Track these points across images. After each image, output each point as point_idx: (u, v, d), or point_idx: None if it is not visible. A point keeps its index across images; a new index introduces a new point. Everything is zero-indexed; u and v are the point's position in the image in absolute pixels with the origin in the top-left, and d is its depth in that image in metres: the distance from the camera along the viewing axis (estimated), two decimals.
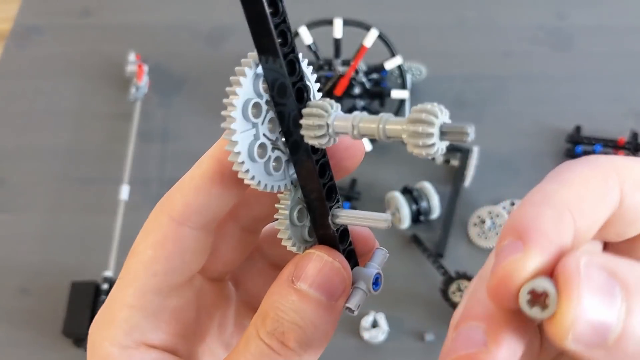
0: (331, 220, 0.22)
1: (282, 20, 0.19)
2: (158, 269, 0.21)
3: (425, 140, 0.17)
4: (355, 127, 0.19)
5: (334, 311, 0.21)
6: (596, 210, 0.17)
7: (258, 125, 0.20)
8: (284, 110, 0.20)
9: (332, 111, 0.20)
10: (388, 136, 0.19)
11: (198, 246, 0.22)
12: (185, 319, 0.23)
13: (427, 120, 0.17)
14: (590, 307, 0.14)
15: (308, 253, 0.22)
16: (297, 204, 0.22)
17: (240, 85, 0.19)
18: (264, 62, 0.20)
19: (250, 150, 0.20)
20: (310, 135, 0.20)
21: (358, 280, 0.22)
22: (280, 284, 0.21)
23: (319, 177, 0.21)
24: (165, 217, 0.22)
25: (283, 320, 0.20)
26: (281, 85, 0.20)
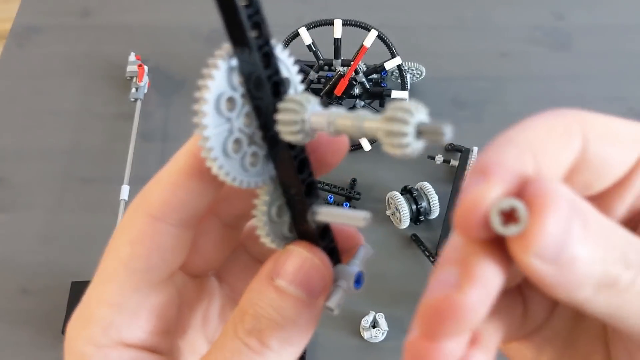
0: (310, 217, 0.21)
1: (255, 11, 0.19)
2: (136, 267, 0.21)
3: (400, 140, 0.17)
4: (331, 123, 0.19)
5: (314, 309, 0.21)
6: (558, 152, 0.18)
7: (232, 120, 0.20)
8: (260, 104, 0.20)
9: (308, 106, 0.19)
10: (364, 134, 0.18)
11: (177, 243, 0.22)
12: (165, 316, 0.22)
13: (402, 119, 0.17)
14: (555, 225, 0.15)
15: (288, 249, 0.21)
16: (276, 199, 0.21)
17: (212, 78, 0.19)
18: (238, 54, 0.19)
19: (225, 145, 0.19)
20: (286, 131, 0.19)
21: (339, 278, 0.22)
22: (260, 281, 0.21)
23: (297, 173, 0.20)
24: (142, 214, 0.21)
25: (261, 318, 0.20)
26: (257, 78, 0.19)
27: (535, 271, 0.16)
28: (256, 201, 0.21)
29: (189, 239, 0.22)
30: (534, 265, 0.16)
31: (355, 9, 0.92)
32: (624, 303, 0.16)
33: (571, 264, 0.16)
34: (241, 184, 0.20)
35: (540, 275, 0.16)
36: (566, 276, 0.16)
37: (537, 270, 0.16)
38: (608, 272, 0.16)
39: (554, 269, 0.16)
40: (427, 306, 0.16)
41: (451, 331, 0.16)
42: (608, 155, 0.19)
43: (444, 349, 0.17)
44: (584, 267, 0.16)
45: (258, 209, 0.21)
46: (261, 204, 0.21)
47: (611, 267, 0.16)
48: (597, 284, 0.16)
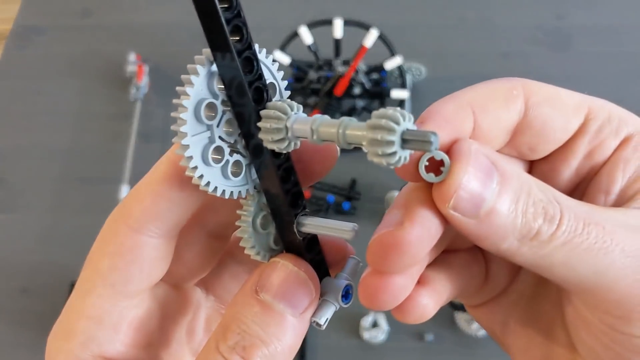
0: (296, 229, 0.20)
1: (235, 14, 0.18)
2: (115, 279, 0.21)
3: (384, 149, 0.16)
4: (314, 131, 0.18)
5: (300, 324, 0.20)
6: (498, 111, 0.20)
7: (213, 127, 0.19)
8: (243, 111, 0.19)
9: (291, 113, 0.18)
10: (348, 142, 0.17)
11: (157, 255, 0.21)
12: (146, 328, 0.22)
13: (387, 127, 0.16)
14: (471, 180, 0.17)
15: (273, 262, 0.21)
16: (260, 210, 0.21)
17: (191, 84, 0.18)
18: (219, 59, 0.18)
19: (204, 153, 0.18)
20: (269, 139, 0.18)
21: (327, 292, 0.21)
22: (244, 294, 0.20)
23: (282, 182, 0.20)
24: (122, 226, 0.20)
25: (245, 334, 0.19)
26: (239, 84, 0.18)
27: (457, 223, 0.17)
28: (240, 212, 0.20)
29: (170, 250, 0.21)
30: (454, 217, 0.17)
31: (355, 9, 0.92)
32: (547, 254, 0.18)
33: (490, 217, 0.17)
34: (223, 194, 0.19)
35: (463, 227, 0.17)
36: (487, 228, 0.17)
37: (459, 222, 0.17)
38: (529, 225, 0.17)
39: (475, 222, 0.17)
40: (374, 241, 0.18)
41: (396, 264, 0.18)
42: (549, 118, 0.20)
43: (393, 283, 0.19)
44: (504, 219, 0.17)
45: (242, 219, 0.20)
46: (245, 215, 0.20)
47: (532, 221, 0.17)
48: (519, 235, 0.18)
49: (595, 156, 0.21)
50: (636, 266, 0.18)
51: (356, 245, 0.22)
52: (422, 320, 0.20)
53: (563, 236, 0.18)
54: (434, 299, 0.21)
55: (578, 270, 0.18)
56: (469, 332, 0.65)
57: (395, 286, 0.19)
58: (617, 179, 0.20)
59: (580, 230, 0.18)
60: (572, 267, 0.18)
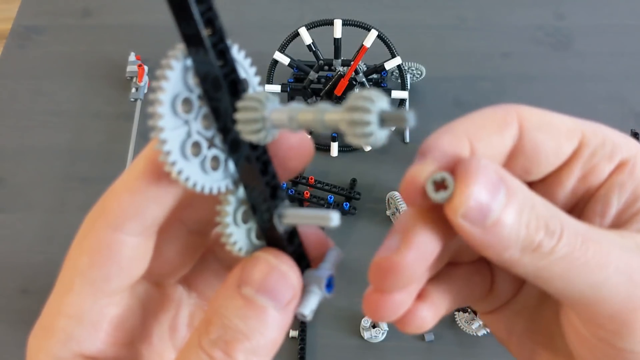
0: (277, 221, 0.20)
1: (208, 7, 0.18)
2: (94, 277, 0.20)
3: (363, 129, 0.16)
4: (292, 119, 0.18)
5: (283, 318, 0.20)
6: (493, 139, 0.21)
7: (190, 122, 0.19)
8: (219, 104, 0.19)
9: (268, 103, 0.18)
10: (327, 127, 0.18)
11: (137, 253, 0.21)
12: (127, 326, 0.22)
13: (364, 108, 0.16)
14: (479, 192, 0.18)
15: (254, 256, 0.21)
16: (240, 204, 0.20)
17: (167, 79, 0.18)
18: (193, 53, 0.18)
19: (183, 148, 0.18)
20: (246, 130, 0.18)
21: (310, 283, 0.21)
22: (226, 289, 0.20)
23: (261, 175, 0.20)
24: (99, 224, 0.20)
25: (227, 328, 0.19)
26: (214, 78, 0.18)
27: (465, 232, 0.18)
28: (219, 207, 0.20)
29: (150, 247, 0.21)
30: (463, 226, 0.18)
31: (355, 9, 0.92)
32: (546, 265, 0.19)
33: (496, 227, 0.18)
34: (202, 189, 0.19)
35: (470, 235, 0.18)
36: (492, 238, 0.18)
37: (467, 231, 0.18)
38: (532, 237, 0.19)
39: (481, 231, 0.18)
40: (374, 265, 0.20)
41: (394, 284, 0.20)
42: (541, 144, 0.21)
43: (392, 300, 0.20)
44: (508, 230, 0.18)
45: (222, 215, 0.20)
46: (225, 210, 0.20)
47: (534, 233, 0.19)
48: (521, 246, 0.19)
49: (589, 180, 0.22)
50: (629, 283, 0.19)
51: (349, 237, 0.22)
52: (421, 330, 0.22)
53: (563, 250, 0.19)
54: (432, 312, 0.22)
55: (575, 283, 0.19)
56: (469, 332, 0.65)
57: (394, 302, 0.21)
58: (613, 202, 0.21)
59: (578, 245, 0.19)
60: (569, 280, 0.19)
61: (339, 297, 0.69)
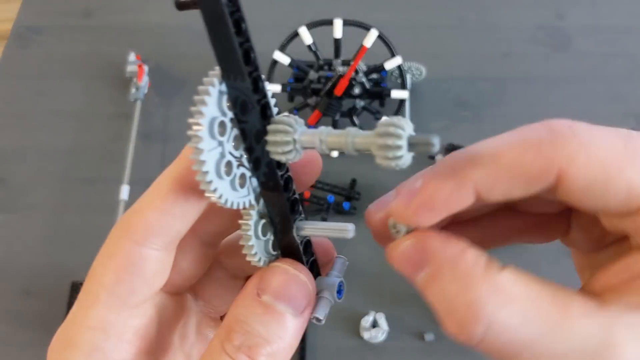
0: (295, 233, 0.22)
1: (246, 39, 0.20)
2: (120, 292, 0.22)
3: (394, 152, 0.18)
4: (322, 141, 0.20)
5: (300, 323, 0.21)
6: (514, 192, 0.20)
7: (224, 143, 0.20)
8: (246, 127, 0.20)
9: (297, 127, 0.20)
10: (356, 149, 0.19)
11: (159, 266, 0.22)
12: (147, 335, 0.23)
13: (395, 134, 0.18)
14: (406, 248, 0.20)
15: (273, 266, 0.22)
16: (260, 218, 0.22)
17: (205, 104, 0.19)
18: (229, 80, 0.20)
19: (217, 168, 0.20)
20: (277, 152, 0.20)
21: (322, 289, 0.23)
22: (245, 297, 0.21)
23: (283, 191, 0.21)
24: (126, 241, 0.22)
25: (249, 334, 0.21)
26: (243, 102, 0.20)
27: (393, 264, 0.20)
28: (242, 221, 0.22)
29: (170, 260, 0.23)
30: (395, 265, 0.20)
31: (355, 9, 0.92)
32: None
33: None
34: (232, 205, 0.21)
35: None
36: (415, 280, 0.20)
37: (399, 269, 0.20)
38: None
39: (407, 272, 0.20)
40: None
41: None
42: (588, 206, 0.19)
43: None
44: None
45: (244, 228, 0.22)
46: (248, 224, 0.22)
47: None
48: None
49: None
50: None
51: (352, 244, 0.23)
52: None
53: None
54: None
55: None
56: None
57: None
58: None
59: None
60: None
61: None
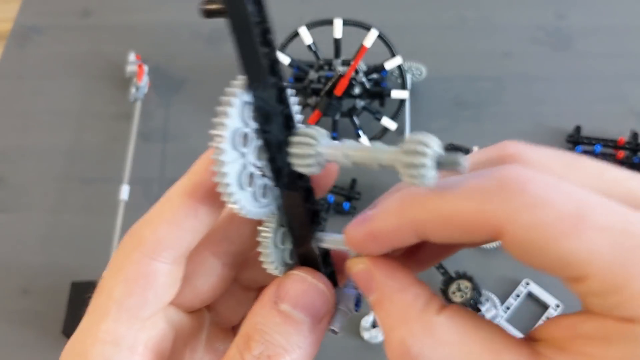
0: (314, 244, 0.22)
1: (271, 49, 0.19)
2: (130, 304, 0.21)
3: (419, 171, 0.18)
4: (346, 155, 0.20)
5: (318, 332, 0.21)
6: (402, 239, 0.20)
7: (246, 154, 0.20)
8: (270, 138, 0.20)
9: (321, 139, 0.20)
10: (381, 165, 0.19)
11: (170, 279, 0.22)
12: (159, 348, 0.23)
13: (421, 152, 0.18)
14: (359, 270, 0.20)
15: (291, 274, 0.22)
16: (279, 227, 0.22)
17: (228, 115, 0.19)
18: (254, 91, 0.20)
19: (239, 179, 0.20)
20: (300, 164, 0.20)
21: (340, 301, 0.23)
22: (263, 305, 0.21)
23: (303, 202, 0.21)
24: (136, 254, 0.21)
25: (268, 343, 0.20)
26: (267, 113, 0.20)
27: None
28: (261, 228, 0.22)
29: (180, 273, 0.23)
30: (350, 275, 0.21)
31: (355, 9, 0.92)
32: None
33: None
34: (253, 216, 0.21)
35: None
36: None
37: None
38: None
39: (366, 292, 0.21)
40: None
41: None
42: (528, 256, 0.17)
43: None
44: None
45: (263, 236, 0.22)
46: (267, 232, 0.22)
47: None
48: None
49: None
50: None
51: None
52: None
53: None
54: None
55: None
56: None
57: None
58: None
59: None
60: None
61: None
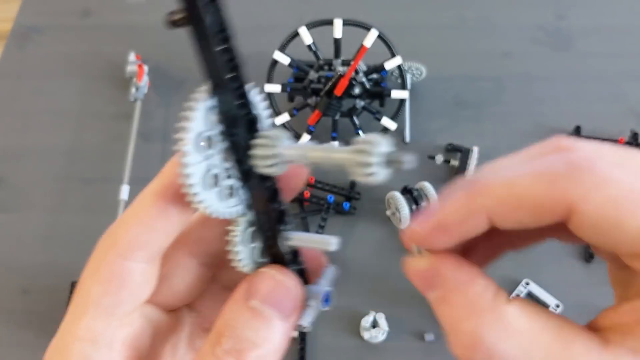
0: (282, 242, 0.23)
1: (234, 55, 0.20)
2: (107, 303, 0.22)
3: (366, 169, 0.19)
4: (304, 156, 0.20)
5: (287, 327, 0.22)
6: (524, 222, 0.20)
7: (211, 157, 0.21)
8: (236, 140, 0.21)
9: (281, 141, 0.21)
10: (335, 165, 0.20)
11: (144, 278, 0.23)
12: (137, 345, 0.24)
13: (368, 151, 0.19)
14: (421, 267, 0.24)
15: (261, 272, 0.23)
16: (248, 226, 0.23)
17: (191, 120, 0.20)
18: (218, 96, 0.20)
19: (204, 180, 0.21)
20: (262, 165, 0.21)
21: (309, 297, 0.23)
22: (235, 302, 0.22)
23: (270, 202, 0.22)
24: (111, 254, 0.22)
25: (238, 338, 0.21)
26: (233, 117, 0.21)
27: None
28: (230, 228, 0.22)
29: (155, 271, 0.23)
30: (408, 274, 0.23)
31: (355, 9, 0.92)
32: None
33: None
34: (220, 215, 0.21)
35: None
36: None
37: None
38: None
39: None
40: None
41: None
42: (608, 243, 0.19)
43: None
44: None
45: (232, 235, 0.22)
46: (235, 231, 0.22)
47: None
48: None
49: None
50: None
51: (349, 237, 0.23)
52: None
53: None
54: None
55: None
56: None
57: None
58: None
59: None
60: None
61: (339, 297, 0.69)
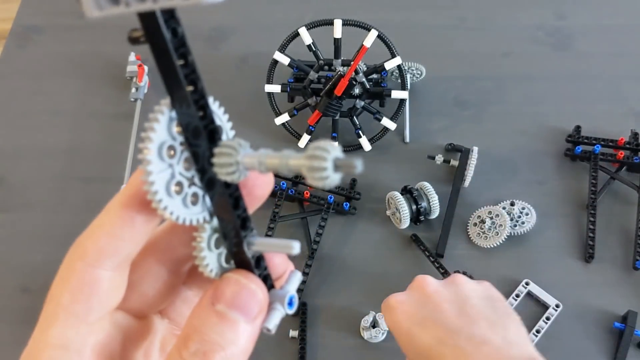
0: (246, 248, 0.24)
1: (191, 70, 0.21)
2: (77, 310, 0.23)
3: (320, 174, 0.20)
4: (261, 163, 0.21)
5: (252, 329, 0.23)
6: None
7: (174, 165, 0.22)
8: (198, 150, 0.22)
9: (240, 149, 0.22)
10: (291, 170, 0.21)
11: (113, 285, 0.24)
12: (107, 351, 0.24)
13: (320, 156, 0.20)
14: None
15: (226, 277, 0.24)
16: (214, 232, 0.24)
17: (154, 130, 0.21)
18: (178, 108, 0.21)
19: (167, 188, 0.22)
20: (222, 172, 0.22)
21: (274, 301, 0.24)
22: (201, 307, 0.23)
23: (233, 209, 0.23)
24: (80, 263, 0.23)
25: (204, 341, 0.22)
26: (195, 128, 0.22)
27: None
28: (196, 234, 0.23)
29: (124, 278, 0.24)
30: None
31: (355, 9, 0.92)
32: None
33: None
34: (184, 222, 0.22)
35: None
36: None
37: None
38: None
39: None
40: None
41: None
42: None
43: None
44: None
45: (197, 241, 0.23)
46: (200, 237, 0.23)
47: None
48: None
49: None
50: None
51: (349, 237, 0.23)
52: None
53: None
54: None
55: None
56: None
57: None
58: None
59: None
60: None
61: (339, 297, 0.69)
